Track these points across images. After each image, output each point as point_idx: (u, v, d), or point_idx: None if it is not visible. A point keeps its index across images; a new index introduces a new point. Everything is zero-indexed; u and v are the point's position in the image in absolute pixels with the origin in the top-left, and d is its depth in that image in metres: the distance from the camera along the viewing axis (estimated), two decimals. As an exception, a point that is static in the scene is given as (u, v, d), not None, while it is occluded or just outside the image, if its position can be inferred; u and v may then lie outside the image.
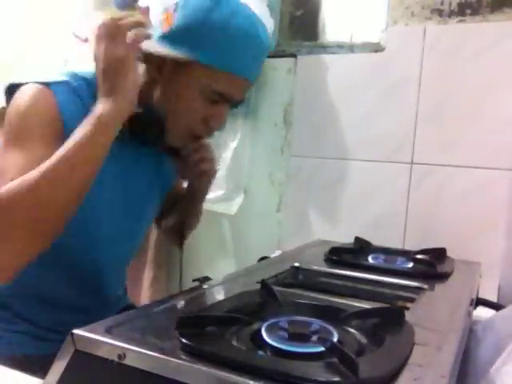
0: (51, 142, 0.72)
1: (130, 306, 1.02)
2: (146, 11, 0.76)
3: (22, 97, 0.75)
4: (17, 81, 0.78)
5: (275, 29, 1.42)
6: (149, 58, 0.78)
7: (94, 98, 0.74)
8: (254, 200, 1.52)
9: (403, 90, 1.28)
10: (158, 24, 0.77)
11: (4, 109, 0.78)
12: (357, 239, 1.18)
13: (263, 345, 0.53)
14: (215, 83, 0.77)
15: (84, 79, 0.81)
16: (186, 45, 0.75)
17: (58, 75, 0.80)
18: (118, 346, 0.50)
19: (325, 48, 1.43)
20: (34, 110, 0.74)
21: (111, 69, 0.70)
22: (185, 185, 1.06)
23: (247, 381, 0.44)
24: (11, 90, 0.78)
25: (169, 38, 0.76)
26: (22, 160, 0.70)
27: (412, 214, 1.29)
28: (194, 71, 0.77)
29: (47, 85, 0.77)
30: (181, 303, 0.68)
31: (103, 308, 0.90)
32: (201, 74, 0.77)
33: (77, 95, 0.79)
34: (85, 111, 0.73)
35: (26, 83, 0.77)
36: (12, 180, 0.66)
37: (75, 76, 0.81)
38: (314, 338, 0.55)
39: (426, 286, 0.84)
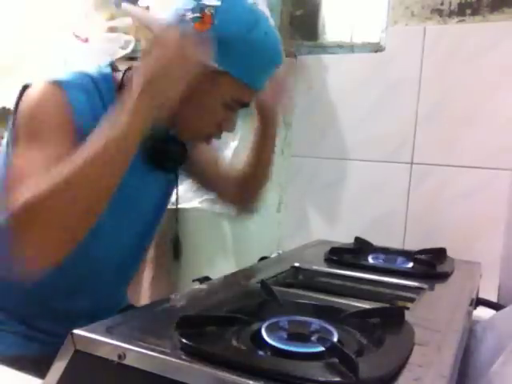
0: (66, 141, 0.72)
1: (130, 306, 1.02)
2: (146, 10, 0.76)
3: (32, 96, 0.75)
4: (29, 82, 0.77)
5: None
6: None
7: (100, 95, 0.77)
8: (254, 200, 1.52)
9: (403, 90, 1.28)
10: (184, 17, 0.74)
11: (4, 109, 0.78)
12: (357, 239, 1.18)
13: (263, 345, 0.53)
14: (236, 93, 0.79)
15: (89, 76, 0.81)
16: (223, 54, 0.74)
17: (64, 74, 0.79)
18: (118, 346, 0.50)
19: (325, 48, 1.43)
20: (45, 109, 0.74)
21: (174, 65, 0.69)
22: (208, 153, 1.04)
23: (247, 381, 0.44)
24: (23, 89, 0.78)
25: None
26: (41, 161, 0.69)
27: (412, 214, 1.29)
28: (221, 82, 0.77)
29: (58, 83, 0.76)
30: (181, 303, 0.68)
31: (100, 311, 0.90)
32: (227, 86, 0.78)
33: (85, 92, 0.78)
34: (94, 108, 0.76)
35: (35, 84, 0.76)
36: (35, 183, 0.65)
37: (80, 74, 0.81)
38: (314, 338, 0.55)
39: (425, 286, 0.84)
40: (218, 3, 0.74)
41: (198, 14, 0.74)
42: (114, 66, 0.85)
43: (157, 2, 1.15)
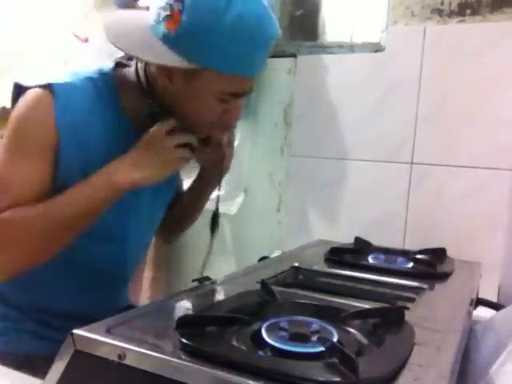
0: (48, 154, 0.76)
1: (130, 306, 1.02)
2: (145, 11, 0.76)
3: (22, 105, 0.77)
4: (22, 82, 0.79)
5: (275, 29, 1.42)
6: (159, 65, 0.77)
7: (97, 92, 0.79)
8: (254, 200, 1.52)
9: (403, 90, 1.28)
10: (158, 17, 0.72)
11: (4, 109, 0.78)
12: (357, 239, 1.18)
13: (263, 345, 0.53)
14: (226, 86, 0.76)
15: (89, 78, 0.81)
16: (195, 51, 0.71)
17: (62, 75, 0.79)
18: (118, 346, 0.50)
19: (325, 48, 1.43)
20: (30, 122, 0.76)
21: (159, 149, 0.77)
22: (186, 183, 1.06)
23: (247, 381, 0.44)
24: (18, 89, 0.79)
25: (176, 40, 0.71)
26: (22, 172, 0.75)
27: (412, 214, 1.28)
28: (204, 78, 0.74)
29: (50, 88, 0.76)
30: (181, 303, 0.68)
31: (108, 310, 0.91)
32: (211, 81, 0.75)
33: (80, 91, 0.79)
34: (91, 108, 0.78)
35: (30, 87, 0.77)
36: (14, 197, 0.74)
37: (78, 75, 0.81)
38: (314, 338, 0.55)
39: (425, 286, 0.84)
40: None
41: (168, 13, 0.71)
42: (118, 63, 0.84)
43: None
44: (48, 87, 0.76)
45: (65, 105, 0.76)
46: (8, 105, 0.82)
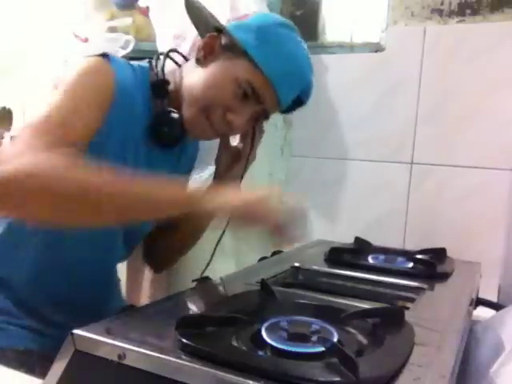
0: (103, 105, 0.77)
1: (130, 306, 1.02)
2: (145, 11, 0.76)
3: (82, 63, 0.79)
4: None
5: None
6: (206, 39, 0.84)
7: (135, 76, 0.84)
8: (254, 200, 1.51)
9: (403, 90, 1.28)
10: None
11: (4, 109, 0.78)
12: (357, 239, 1.18)
13: (263, 345, 0.53)
14: (252, 79, 0.80)
15: (129, 64, 0.86)
16: (246, 35, 0.80)
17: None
18: (118, 346, 0.50)
19: (325, 48, 1.43)
20: (92, 74, 0.78)
21: (258, 212, 0.71)
22: None
23: (247, 381, 0.44)
24: None
25: (237, 25, 0.82)
26: (79, 114, 0.73)
27: (412, 214, 1.28)
28: (239, 61, 0.81)
29: (108, 58, 0.80)
30: (181, 303, 0.68)
31: (102, 303, 0.91)
32: (244, 66, 0.80)
33: (127, 70, 0.83)
34: (134, 84, 0.82)
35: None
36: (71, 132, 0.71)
37: (120, 59, 0.86)
38: (314, 338, 0.55)
39: (425, 286, 0.84)
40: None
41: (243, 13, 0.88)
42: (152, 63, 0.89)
43: (157, 2, 1.15)
44: (103, 56, 0.80)
45: (119, 72, 0.80)
46: (8, 105, 0.82)
